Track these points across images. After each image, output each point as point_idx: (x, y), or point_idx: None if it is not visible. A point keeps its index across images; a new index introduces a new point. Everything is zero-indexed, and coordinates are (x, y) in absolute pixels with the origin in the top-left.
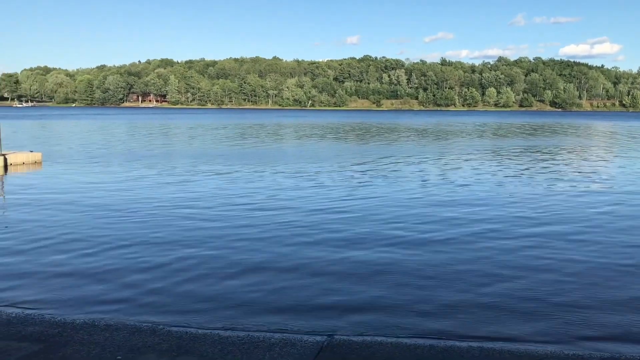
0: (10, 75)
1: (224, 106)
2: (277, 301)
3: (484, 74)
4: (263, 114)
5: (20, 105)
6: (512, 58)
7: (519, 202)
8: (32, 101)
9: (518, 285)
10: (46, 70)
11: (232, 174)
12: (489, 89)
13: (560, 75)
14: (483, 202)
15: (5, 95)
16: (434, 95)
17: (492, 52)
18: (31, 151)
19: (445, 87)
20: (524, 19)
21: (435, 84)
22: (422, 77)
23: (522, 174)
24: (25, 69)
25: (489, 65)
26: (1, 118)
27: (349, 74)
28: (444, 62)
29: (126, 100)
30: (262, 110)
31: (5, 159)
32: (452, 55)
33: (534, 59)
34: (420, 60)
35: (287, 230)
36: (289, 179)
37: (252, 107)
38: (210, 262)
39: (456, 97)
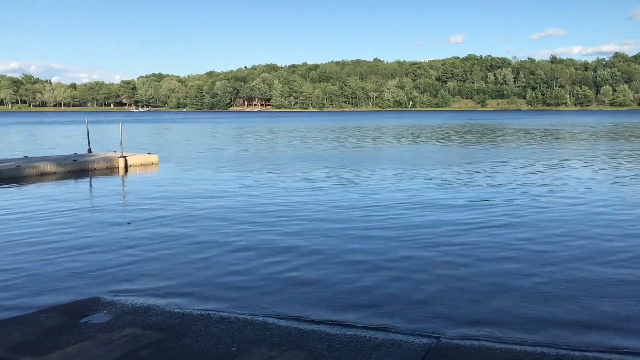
0: (128, 83)
1: (325, 109)
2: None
3: (598, 71)
4: (365, 116)
5: (137, 110)
6: (631, 54)
7: None
8: (147, 106)
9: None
10: (160, 77)
11: (365, 179)
12: (604, 87)
13: None
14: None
15: (124, 101)
16: (542, 95)
17: (607, 48)
18: (149, 153)
19: (555, 86)
20: None
21: (545, 82)
22: (530, 76)
23: None
24: (141, 76)
25: (604, 62)
26: (122, 122)
27: (452, 74)
28: (554, 60)
29: (233, 104)
30: (363, 113)
31: (126, 160)
32: (562, 52)
33: None
34: (528, 58)
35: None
36: (434, 186)
37: (352, 109)
38: (329, 261)
39: (567, 96)
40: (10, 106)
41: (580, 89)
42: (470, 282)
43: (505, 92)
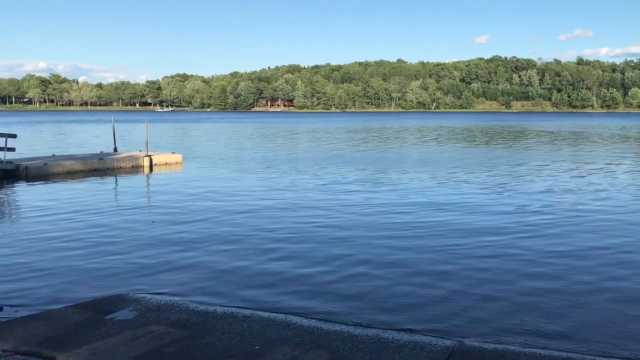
0: (153, 82)
1: (347, 110)
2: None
3: (626, 73)
4: (389, 117)
5: (162, 110)
6: None
7: None
8: (172, 106)
9: None
10: (184, 77)
11: (398, 182)
12: (632, 89)
13: None
14: None
15: (149, 100)
16: (568, 97)
17: (636, 49)
18: (173, 152)
19: (582, 88)
20: None
21: (571, 84)
22: (556, 78)
23: None
24: (166, 76)
25: (632, 64)
26: (147, 122)
27: (476, 75)
28: (580, 61)
29: (256, 105)
30: (386, 113)
31: (151, 159)
32: (590, 53)
33: None
34: (554, 60)
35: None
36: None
37: (375, 110)
38: (358, 264)
39: (594, 99)
40: (38, 105)
41: (608, 91)
42: (498, 288)
43: (530, 93)
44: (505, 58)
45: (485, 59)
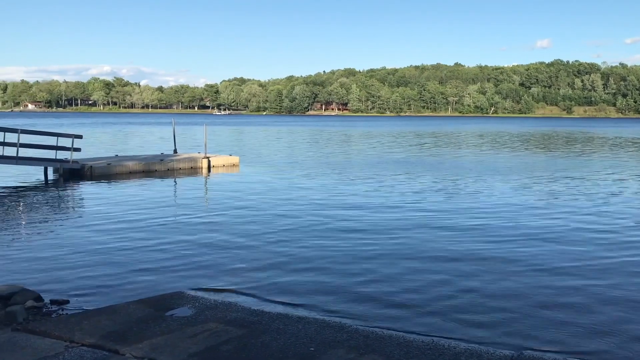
0: (211, 86)
1: (402, 114)
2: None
3: None
4: (446, 121)
5: (219, 113)
6: None
7: None
8: (229, 109)
9: None
10: (242, 81)
11: (469, 191)
12: None
13: None
14: None
15: (207, 104)
16: (635, 102)
17: None
18: (230, 155)
19: None
20: None
21: (637, 89)
22: (621, 82)
23: None
24: (224, 80)
25: None
26: (206, 125)
27: (537, 79)
28: None
29: (311, 108)
30: (443, 118)
31: (209, 161)
32: None
33: None
34: (620, 64)
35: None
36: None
37: (430, 114)
38: (415, 270)
39: None
40: (102, 107)
41: None
42: (561, 302)
43: (593, 98)
44: (567, 62)
45: (546, 63)
